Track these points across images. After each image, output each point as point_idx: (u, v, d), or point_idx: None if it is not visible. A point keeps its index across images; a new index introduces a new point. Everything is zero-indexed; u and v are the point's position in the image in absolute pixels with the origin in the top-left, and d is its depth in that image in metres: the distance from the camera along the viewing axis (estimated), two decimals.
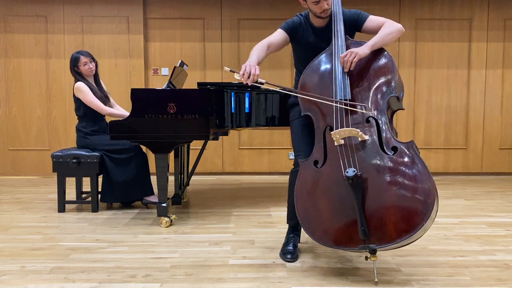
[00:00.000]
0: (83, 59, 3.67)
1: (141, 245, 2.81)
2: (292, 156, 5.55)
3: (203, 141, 3.81)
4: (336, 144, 2.22)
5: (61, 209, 3.66)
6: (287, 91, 2.45)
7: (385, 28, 2.40)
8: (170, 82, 3.45)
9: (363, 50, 2.30)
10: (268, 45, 2.48)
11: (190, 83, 4.99)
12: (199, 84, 3.56)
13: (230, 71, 2.30)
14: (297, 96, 2.49)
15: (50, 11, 5.44)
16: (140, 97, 3.17)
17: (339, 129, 2.22)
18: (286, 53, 5.54)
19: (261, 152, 5.65)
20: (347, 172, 2.10)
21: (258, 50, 2.44)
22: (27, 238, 2.95)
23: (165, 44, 5.54)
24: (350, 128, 2.20)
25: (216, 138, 3.65)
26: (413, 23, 5.53)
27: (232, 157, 5.65)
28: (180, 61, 3.70)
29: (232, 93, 3.36)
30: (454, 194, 4.44)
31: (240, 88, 3.50)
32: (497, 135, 5.64)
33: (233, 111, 3.37)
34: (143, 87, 5.48)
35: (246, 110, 3.49)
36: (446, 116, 5.62)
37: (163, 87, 3.42)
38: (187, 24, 5.53)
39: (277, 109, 3.65)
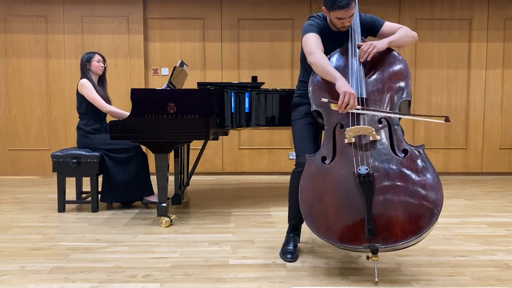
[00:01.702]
0: (97, 56, 3.79)
1: (141, 245, 2.81)
2: (292, 156, 5.56)
3: (203, 141, 3.81)
4: (346, 141, 2.23)
5: (61, 209, 3.66)
6: (384, 113, 2.30)
7: (402, 31, 2.50)
8: (170, 82, 3.45)
9: (381, 44, 2.37)
10: (323, 51, 2.41)
11: (190, 83, 4.99)
12: (199, 84, 3.56)
13: (328, 101, 2.27)
14: (306, 97, 2.47)
15: (50, 11, 5.44)
16: (140, 97, 3.17)
17: (355, 126, 2.22)
18: (286, 53, 5.55)
19: (261, 152, 5.65)
20: (359, 169, 2.10)
21: (329, 64, 2.35)
22: (27, 238, 2.95)
23: (165, 44, 5.54)
24: (366, 126, 2.21)
25: (216, 138, 3.65)
26: (413, 23, 5.52)
27: (232, 157, 5.65)
28: (180, 61, 3.70)
29: (232, 93, 3.36)
30: (454, 194, 4.44)
31: (240, 88, 3.51)
32: (497, 135, 5.64)
33: (233, 111, 3.37)
34: (143, 87, 5.49)
35: (246, 110, 3.49)
36: None
37: (163, 87, 3.42)
38: (187, 24, 5.53)
39: (277, 109, 3.65)
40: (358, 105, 2.27)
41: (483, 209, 3.81)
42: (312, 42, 2.41)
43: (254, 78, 3.88)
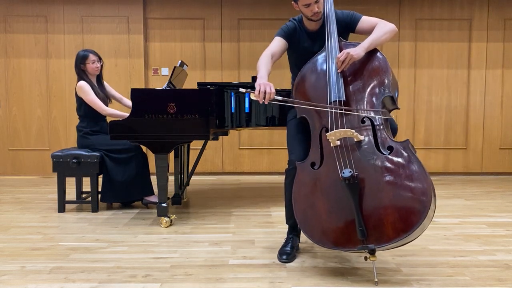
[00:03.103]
0: (91, 57, 3.69)
1: (141, 245, 2.81)
2: None
3: (203, 141, 3.81)
4: (332, 145, 2.22)
5: (61, 209, 3.66)
6: (306, 105, 2.36)
7: (378, 29, 2.41)
8: (170, 82, 3.45)
9: (358, 53, 2.31)
10: (271, 55, 2.50)
11: (190, 83, 4.99)
12: (199, 84, 3.56)
13: (246, 91, 2.30)
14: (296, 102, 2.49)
15: (50, 11, 5.44)
16: (140, 97, 3.17)
17: (334, 130, 2.22)
18: (286, 53, 5.53)
19: (261, 152, 5.65)
20: (343, 173, 2.11)
21: (265, 63, 2.44)
22: (27, 238, 2.95)
23: (165, 44, 5.54)
24: (346, 129, 2.21)
25: (216, 138, 3.65)
26: (413, 23, 5.53)
27: (232, 157, 5.65)
28: (180, 61, 3.70)
29: (232, 93, 3.36)
30: (454, 194, 4.44)
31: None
32: (497, 135, 5.64)
33: (233, 111, 3.37)
34: (143, 87, 5.49)
35: (246, 110, 3.49)
36: (446, 116, 5.62)
37: (163, 87, 3.42)
38: (187, 24, 5.53)
39: (277, 109, 3.65)
40: (340, 108, 2.27)
41: (483, 209, 3.81)
42: (271, 46, 2.54)
43: (254, 78, 3.87)
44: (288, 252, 2.52)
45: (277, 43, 2.54)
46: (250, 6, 5.53)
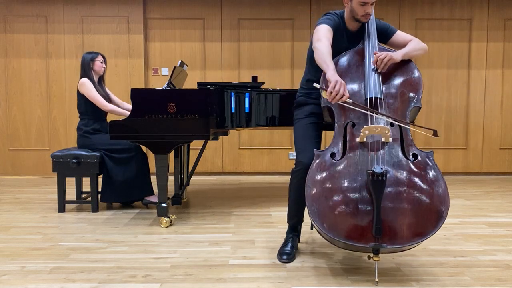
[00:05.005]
0: (100, 56, 3.81)
1: (141, 245, 2.81)
2: (292, 156, 5.56)
3: (203, 141, 3.81)
4: (358, 140, 2.23)
5: (61, 209, 3.66)
6: (373, 112, 2.29)
7: (414, 43, 2.52)
8: (170, 82, 3.45)
9: (397, 56, 2.38)
10: (330, 44, 2.38)
11: (190, 83, 4.99)
12: (199, 84, 3.56)
13: (320, 88, 2.24)
14: (311, 96, 2.53)
15: (50, 11, 5.44)
16: (140, 97, 3.17)
17: (373, 125, 2.23)
18: (286, 53, 5.54)
19: (261, 152, 5.65)
20: (374, 168, 2.10)
21: (330, 54, 2.31)
22: (27, 238, 2.95)
23: (165, 44, 5.54)
24: (384, 126, 2.21)
25: (216, 138, 3.65)
26: (413, 23, 5.53)
27: (232, 157, 5.65)
28: (180, 61, 3.70)
29: (232, 93, 3.36)
30: (454, 194, 4.44)
31: (240, 88, 3.51)
32: (497, 135, 5.64)
33: (233, 111, 3.37)
34: (143, 87, 5.49)
35: (246, 110, 3.49)
36: (446, 116, 5.62)
37: (163, 87, 3.42)
38: (187, 24, 5.53)
39: (277, 109, 3.65)
40: (372, 105, 2.29)
41: (483, 209, 3.81)
42: (324, 32, 2.39)
43: (254, 78, 3.88)
44: (288, 252, 2.52)
45: (329, 33, 2.41)
46: (250, 6, 5.53)
